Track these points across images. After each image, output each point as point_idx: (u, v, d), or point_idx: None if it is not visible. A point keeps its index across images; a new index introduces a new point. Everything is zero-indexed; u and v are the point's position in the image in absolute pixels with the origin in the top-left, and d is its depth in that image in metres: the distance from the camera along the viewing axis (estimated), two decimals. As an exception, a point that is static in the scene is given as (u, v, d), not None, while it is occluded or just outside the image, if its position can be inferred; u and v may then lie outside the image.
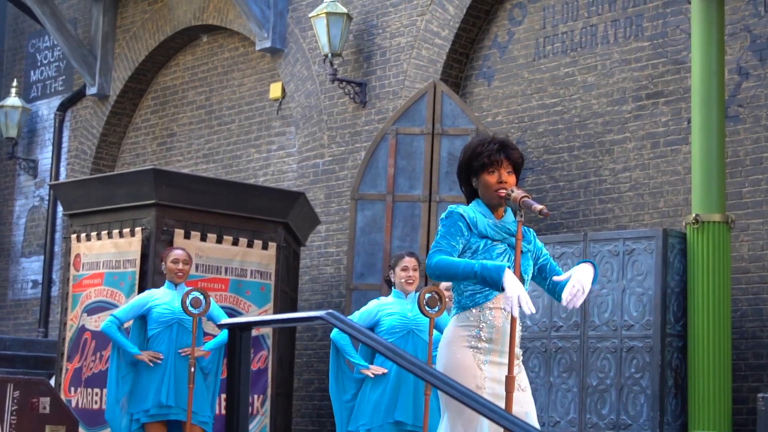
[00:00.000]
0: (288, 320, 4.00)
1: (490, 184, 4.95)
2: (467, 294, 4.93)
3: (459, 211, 4.93)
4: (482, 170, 4.96)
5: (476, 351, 4.88)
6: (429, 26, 11.92)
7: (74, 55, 15.38)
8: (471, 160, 4.98)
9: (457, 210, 4.93)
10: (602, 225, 10.50)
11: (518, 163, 5.03)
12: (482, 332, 4.89)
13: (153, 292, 8.86)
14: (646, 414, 8.98)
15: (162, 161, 14.83)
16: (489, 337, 4.89)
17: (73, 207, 10.89)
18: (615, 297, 9.25)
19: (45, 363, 13.38)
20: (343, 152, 12.57)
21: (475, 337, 4.88)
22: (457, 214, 4.92)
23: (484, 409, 2.95)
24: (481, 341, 4.88)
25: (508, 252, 4.95)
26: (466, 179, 5.05)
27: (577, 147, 10.87)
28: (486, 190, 4.96)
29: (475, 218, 4.93)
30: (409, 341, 7.81)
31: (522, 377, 4.99)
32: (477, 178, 4.99)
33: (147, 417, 8.48)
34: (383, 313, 7.93)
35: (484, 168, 4.95)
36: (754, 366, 9.43)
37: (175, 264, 8.70)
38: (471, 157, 4.98)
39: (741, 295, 9.56)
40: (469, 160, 4.99)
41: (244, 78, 14.15)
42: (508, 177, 4.97)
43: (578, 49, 11.01)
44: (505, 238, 4.97)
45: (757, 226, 9.61)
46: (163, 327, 8.56)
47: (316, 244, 12.64)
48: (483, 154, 4.95)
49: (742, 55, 9.88)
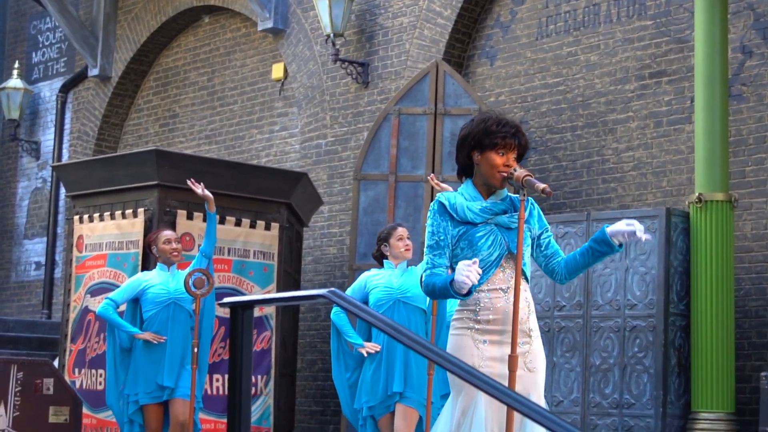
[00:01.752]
0: (290, 299, 4.00)
1: (497, 164, 4.87)
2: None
3: (440, 200, 4.90)
4: (491, 148, 4.88)
5: (474, 331, 4.87)
6: (431, 6, 11.89)
7: (76, 37, 15.35)
8: (484, 135, 4.88)
9: (438, 199, 4.91)
10: (605, 204, 10.49)
11: (525, 150, 4.99)
12: (479, 314, 4.88)
13: (145, 273, 8.82)
14: (649, 393, 8.99)
15: (164, 142, 14.81)
16: (487, 318, 4.88)
17: (75, 188, 10.88)
18: (618, 276, 9.24)
19: (48, 344, 13.40)
20: (345, 132, 12.55)
21: (473, 318, 4.89)
22: (437, 203, 4.91)
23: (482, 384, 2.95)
24: (478, 322, 4.88)
25: (494, 232, 4.92)
26: (467, 151, 4.96)
27: (580, 126, 10.85)
28: (490, 169, 4.89)
29: (455, 204, 4.90)
30: (395, 311, 7.84)
31: (532, 357, 4.96)
32: (481, 153, 4.90)
33: (149, 398, 8.47)
34: (370, 285, 7.99)
35: (494, 147, 4.87)
36: (757, 345, 9.43)
37: (168, 244, 8.65)
38: (484, 132, 4.88)
39: (744, 274, 9.55)
40: (481, 135, 4.89)
41: (246, 59, 14.12)
42: (513, 163, 4.92)
43: (581, 28, 10.98)
44: (489, 219, 4.92)
45: (761, 205, 9.60)
46: (159, 308, 8.53)
47: (319, 225, 12.63)
48: (498, 134, 4.87)
49: (745, 33, 9.85)
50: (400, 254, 8.03)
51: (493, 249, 4.90)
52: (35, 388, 8.87)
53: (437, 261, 4.88)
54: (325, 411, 12.26)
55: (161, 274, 8.61)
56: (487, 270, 4.88)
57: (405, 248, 8.04)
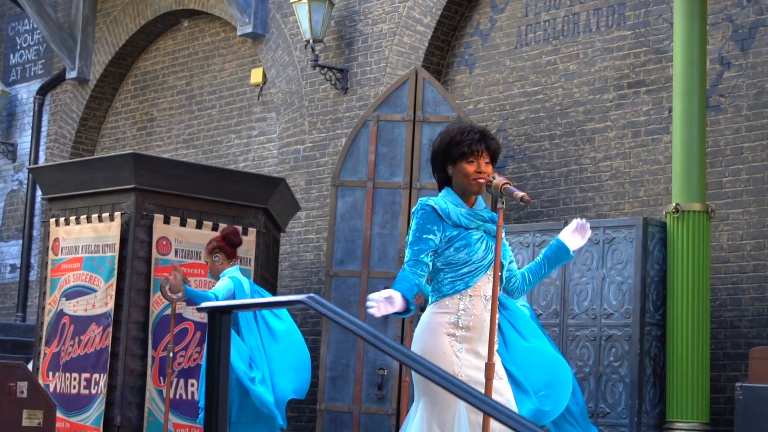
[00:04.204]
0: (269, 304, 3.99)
1: (469, 173, 4.94)
2: (447, 281, 4.94)
3: (430, 204, 4.93)
4: (461, 159, 4.94)
5: (453, 338, 4.88)
6: (411, 13, 11.90)
7: (54, 39, 15.30)
8: (450, 147, 4.95)
9: (428, 203, 4.94)
10: (583, 213, 10.51)
11: (496, 153, 5.04)
12: (460, 319, 4.89)
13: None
14: (624, 402, 9.00)
15: (142, 146, 14.78)
16: (467, 324, 4.89)
17: (51, 191, 10.84)
18: (595, 285, 9.26)
19: (23, 347, 13.33)
20: (324, 138, 12.54)
21: (452, 324, 4.88)
22: (428, 207, 4.93)
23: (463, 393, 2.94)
24: (458, 328, 4.88)
25: (485, 238, 4.97)
26: (441, 166, 5.03)
27: (558, 135, 10.87)
28: (463, 179, 4.96)
29: (447, 208, 4.93)
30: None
31: (499, 366, 4.98)
32: (453, 165, 4.97)
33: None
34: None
35: (463, 157, 4.94)
36: (732, 355, 9.46)
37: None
38: (450, 145, 4.96)
39: (720, 284, 9.58)
40: (447, 147, 4.96)
41: (225, 63, 14.10)
42: (486, 167, 4.97)
43: (560, 37, 11.00)
44: (480, 225, 4.98)
45: (737, 216, 9.63)
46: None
47: (297, 231, 12.61)
48: (463, 143, 4.93)
49: (723, 44, 9.89)
50: None
51: (486, 253, 4.96)
52: (9, 391, 8.81)
53: (422, 258, 4.87)
54: (300, 417, 12.24)
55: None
56: (477, 274, 4.93)
57: None
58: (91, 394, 9.97)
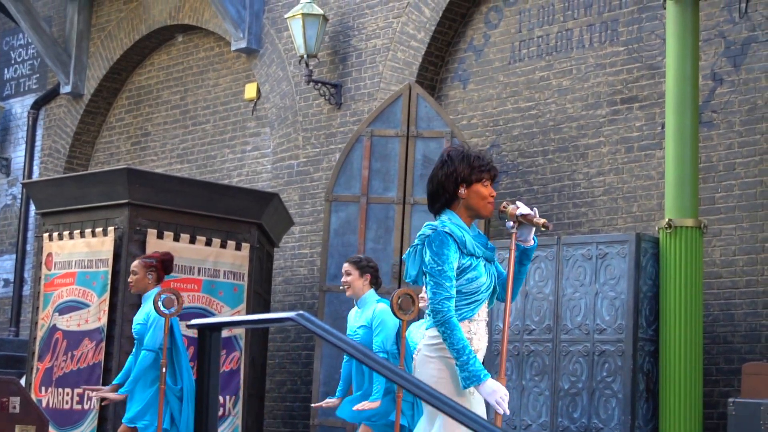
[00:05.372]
0: (259, 321, 3.99)
1: (485, 195, 5.06)
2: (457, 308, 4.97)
3: (446, 231, 4.98)
4: (478, 181, 5.05)
5: None
6: (405, 28, 11.92)
7: (48, 54, 15.31)
8: (469, 170, 5.05)
9: (443, 230, 4.98)
10: (576, 229, 10.52)
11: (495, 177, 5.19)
12: (473, 344, 4.97)
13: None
14: (617, 418, 9.00)
15: (136, 161, 14.77)
16: (477, 348, 4.98)
17: (45, 206, 10.83)
18: (588, 301, 9.26)
19: (16, 362, 13.31)
20: (317, 154, 12.55)
21: None
22: (445, 235, 4.97)
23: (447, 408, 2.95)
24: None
25: (487, 266, 5.07)
26: (453, 186, 5.09)
27: (551, 151, 10.89)
28: (479, 201, 5.06)
29: (463, 237, 4.99)
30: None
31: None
32: (468, 187, 5.06)
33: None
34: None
35: (480, 179, 5.06)
36: (725, 371, 9.46)
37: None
38: (469, 168, 5.06)
39: (713, 300, 9.59)
40: (466, 170, 5.06)
41: (219, 78, 14.11)
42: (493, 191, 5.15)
43: (553, 53, 11.02)
44: (483, 252, 5.07)
45: (730, 232, 9.64)
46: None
47: (290, 246, 12.61)
48: (482, 168, 5.06)
49: (716, 60, 9.92)
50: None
51: (490, 281, 5.07)
52: (1, 407, 8.80)
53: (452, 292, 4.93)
54: (293, 432, 12.23)
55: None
56: (483, 302, 5.05)
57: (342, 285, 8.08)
58: (84, 410, 9.95)
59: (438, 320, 4.87)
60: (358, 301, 7.96)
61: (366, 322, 7.81)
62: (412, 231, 10.62)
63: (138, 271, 8.47)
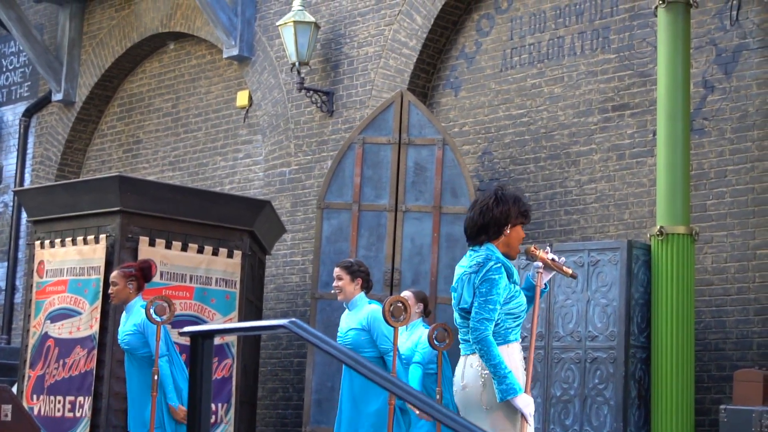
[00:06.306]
0: (251, 328, 3.99)
1: (521, 237, 5.66)
2: (509, 330, 5.57)
3: (500, 260, 5.52)
4: (520, 224, 5.65)
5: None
6: (397, 36, 11.94)
7: (40, 61, 15.30)
8: (520, 214, 5.63)
9: (497, 259, 5.51)
10: (567, 236, 10.53)
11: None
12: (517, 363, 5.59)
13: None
14: (609, 425, 9.00)
15: (128, 168, 14.77)
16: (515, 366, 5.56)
17: (37, 213, 10.82)
18: (579, 308, 9.27)
19: (7, 370, 13.28)
20: (309, 161, 12.55)
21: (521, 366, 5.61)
22: (498, 264, 5.50)
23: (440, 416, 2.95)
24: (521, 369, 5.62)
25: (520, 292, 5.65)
26: (502, 225, 5.59)
27: (543, 158, 10.90)
28: (516, 241, 5.64)
29: (510, 267, 5.56)
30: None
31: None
32: (512, 228, 5.61)
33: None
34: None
35: (522, 223, 5.66)
36: (717, 378, 9.47)
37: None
38: (520, 212, 5.63)
39: (704, 307, 9.60)
40: (519, 213, 5.62)
41: (211, 86, 14.11)
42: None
43: (545, 60, 11.04)
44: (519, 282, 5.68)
45: (721, 239, 9.66)
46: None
47: (282, 253, 12.61)
48: (528, 212, 5.70)
49: (707, 68, 9.94)
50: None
51: (525, 306, 5.66)
52: (-7, 415, 8.78)
53: (494, 315, 5.47)
54: (285, 440, 12.22)
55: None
56: (521, 325, 5.63)
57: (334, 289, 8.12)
58: (76, 417, 9.94)
59: (475, 337, 5.41)
60: (348, 304, 7.99)
61: (358, 324, 7.84)
62: (404, 238, 10.62)
63: (118, 281, 8.43)
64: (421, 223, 10.65)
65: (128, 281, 8.41)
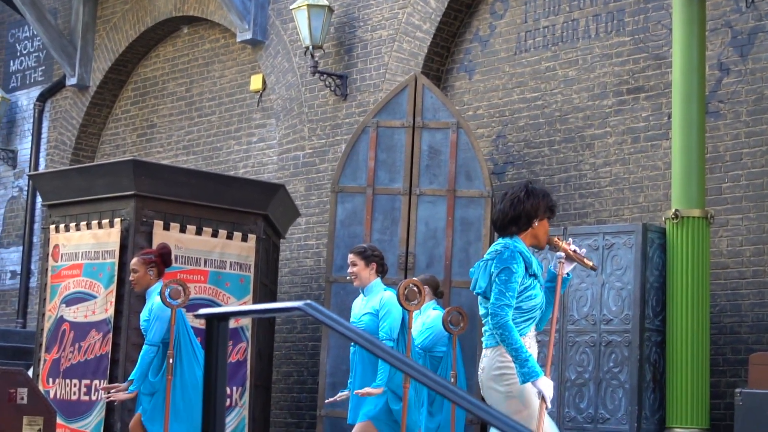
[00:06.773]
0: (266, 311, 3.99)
1: (547, 230, 5.88)
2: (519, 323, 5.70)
3: (518, 250, 5.69)
4: (548, 218, 5.86)
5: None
6: (410, 19, 11.91)
7: (54, 46, 15.31)
8: (548, 209, 5.84)
9: (516, 248, 5.69)
10: (582, 219, 10.51)
11: None
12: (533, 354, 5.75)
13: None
14: (624, 408, 9.00)
15: (142, 152, 14.78)
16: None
17: (52, 198, 10.84)
18: (594, 291, 9.26)
19: (23, 354, 13.33)
20: (323, 145, 12.55)
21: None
22: (517, 253, 5.67)
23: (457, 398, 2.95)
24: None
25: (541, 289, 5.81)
26: (531, 219, 5.79)
27: (557, 141, 10.88)
28: (544, 235, 5.85)
29: (530, 258, 5.73)
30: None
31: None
32: (540, 221, 5.82)
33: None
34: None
35: (549, 217, 5.87)
36: (732, 361, 9.46)
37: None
38: (548, 206, 5.85)
39: (719, 290, 9.58)
40: (548, 208, 5.84)
41: (225, 70, 14.11)
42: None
43: (559, 43, 11.01)
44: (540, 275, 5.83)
45: (736, 222, 9.63)
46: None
47: (296, 237, 12.62)
48: (555, 207, 5.93)
49: (723, 50, 9.90)
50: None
51: (542, 301, 5.83)
52: (9, 398, 8.82)
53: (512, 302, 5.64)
54: (300, 423, 12.24)
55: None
56: (536, 319, 5.80)
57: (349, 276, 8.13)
58: (91, 401, 9.97)
59: (495, 323, 5.56)
60: (364, 290, 7.98)
61: (372, 309, 7.83)
62: (418, 222, 10.62)
63: (138, 268, 8.47)
64: (435, 206, 10.64)
65: (148, 268, 8.45)
